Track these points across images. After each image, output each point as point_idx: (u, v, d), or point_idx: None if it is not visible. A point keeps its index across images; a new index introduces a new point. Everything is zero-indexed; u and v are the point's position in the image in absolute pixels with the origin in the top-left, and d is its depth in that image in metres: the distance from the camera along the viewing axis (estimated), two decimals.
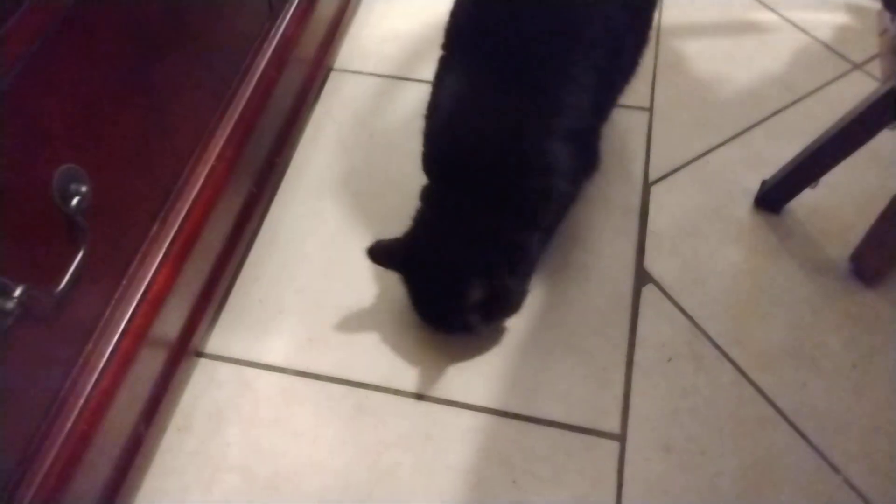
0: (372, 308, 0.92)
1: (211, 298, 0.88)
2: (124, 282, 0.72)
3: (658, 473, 0.79)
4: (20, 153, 0.55)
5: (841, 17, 1.22)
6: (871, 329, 0.89)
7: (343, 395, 0.85)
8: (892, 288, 0.91)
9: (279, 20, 0.98)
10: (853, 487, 0.78)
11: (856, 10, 1.24)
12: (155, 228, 0.76)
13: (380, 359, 0.88)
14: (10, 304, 0.54)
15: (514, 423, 0.83)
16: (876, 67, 1.14)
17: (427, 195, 0.86)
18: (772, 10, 1.25)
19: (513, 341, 0.88)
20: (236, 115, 0.88)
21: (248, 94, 0.90)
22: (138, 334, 0.72)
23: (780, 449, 0.80)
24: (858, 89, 1.01)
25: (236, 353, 0.89)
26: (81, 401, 0.65)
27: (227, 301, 0.93)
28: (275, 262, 0.96)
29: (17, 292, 0.55)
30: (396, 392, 0.85)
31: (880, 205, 0.87)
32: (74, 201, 0.60)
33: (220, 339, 0.90)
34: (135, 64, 0.68)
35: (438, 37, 0.85)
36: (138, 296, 0.73)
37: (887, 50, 0.78)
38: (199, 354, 0.88)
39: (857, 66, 1.16)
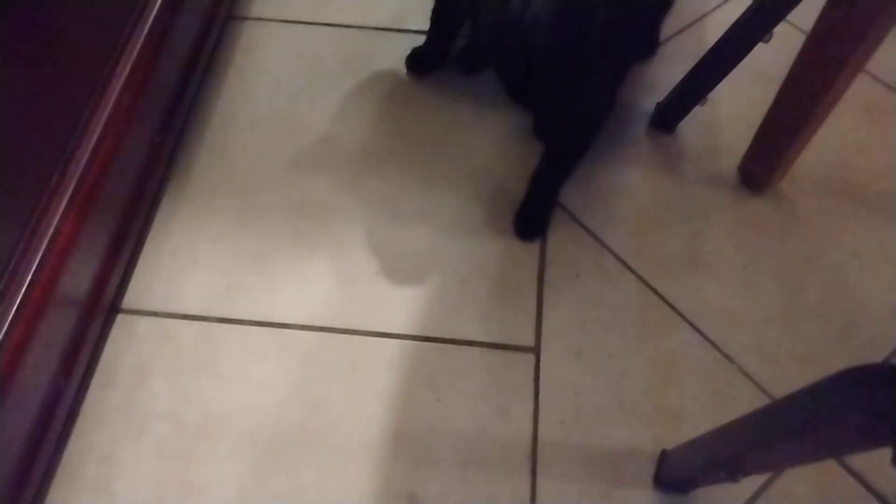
0: (288, 251, 0.93)
1: (121, 251, 0.87)
2: (27, 234, 0.70)
3: (571, 378, 0.84)
4: None
5: None
6: (758, 232, 0.96)
7: (267, 337, 0.87)
8: (775, 193, 0.99)
9: None
10: (747, 374, 0.85)
11: None
12: (55, 179, 0.75)
13: (300, 299, 0.89)
14: None
15: (436, 346, 0.86)
16: None
17: None
18: None
19: (430, 273, 0.91)
20: (131, 62, 0.86)
21: (141, 40, 0.88)
22: (47, 286, 0.71)
23: (681, 346, 0.87)
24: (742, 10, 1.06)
25: (154, 305, 0.88)
26: None
27: (139, 254, 0.92)
28: (186, 212, 0.95)
29: None
30: (320, 329, 0.87)
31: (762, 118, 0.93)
32: None
33: (137, 292, 0.89)
34: (15, 13, 0.66)
35: None
36: (43, 247, 0.72)
37: None
38: (117, 310, 0.88)
39: None
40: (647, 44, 1.12)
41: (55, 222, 0.73)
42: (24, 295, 0.68)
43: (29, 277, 0.69)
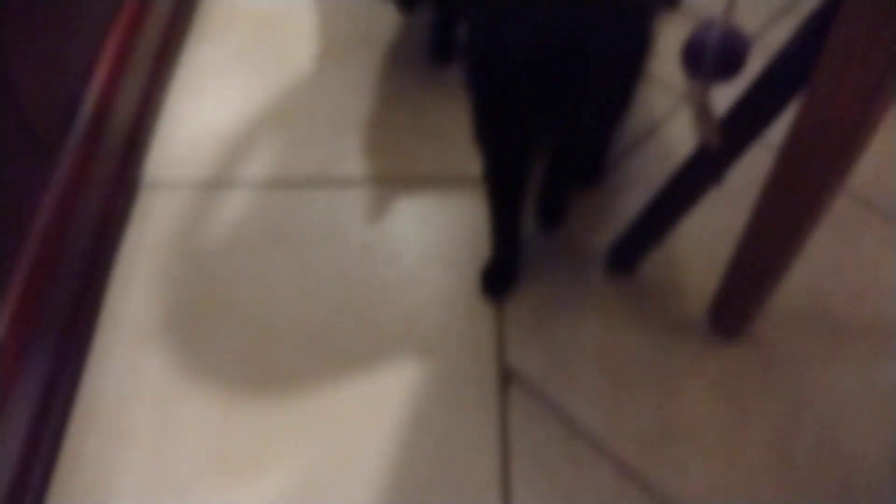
0: (213, 476, 0.81)
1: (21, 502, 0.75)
2: None
3: None
4: None
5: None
6: (736, 386, 0.87)
7: None
8: (752, 339, 0.90)
9: (58, 159, 0.86)
10: None
11: None
12: None
13: None
14: None
15: None
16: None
17: None
18: None
19: (377, 487, 0.80)
20: (21, 287, 0.75)
21: (33, 253, 0.78)
22: None
23: None
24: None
25: None
26: None
27: (44, 500, 0.79)
28: (97, 440, 0.83)
29: None
30: None
31: (732, 249, 0.84)
32: None
33: None
34: None
35: (257, 130, 0.75)
36: None
37: (698, 112, 0.76)
38: None
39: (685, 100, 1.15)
40: (593, 170, 1.05)
41: None
42: None
43: None
